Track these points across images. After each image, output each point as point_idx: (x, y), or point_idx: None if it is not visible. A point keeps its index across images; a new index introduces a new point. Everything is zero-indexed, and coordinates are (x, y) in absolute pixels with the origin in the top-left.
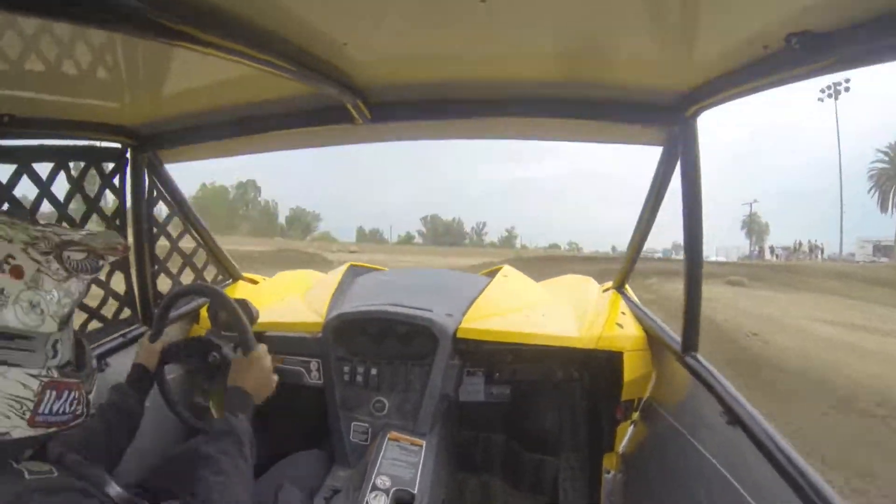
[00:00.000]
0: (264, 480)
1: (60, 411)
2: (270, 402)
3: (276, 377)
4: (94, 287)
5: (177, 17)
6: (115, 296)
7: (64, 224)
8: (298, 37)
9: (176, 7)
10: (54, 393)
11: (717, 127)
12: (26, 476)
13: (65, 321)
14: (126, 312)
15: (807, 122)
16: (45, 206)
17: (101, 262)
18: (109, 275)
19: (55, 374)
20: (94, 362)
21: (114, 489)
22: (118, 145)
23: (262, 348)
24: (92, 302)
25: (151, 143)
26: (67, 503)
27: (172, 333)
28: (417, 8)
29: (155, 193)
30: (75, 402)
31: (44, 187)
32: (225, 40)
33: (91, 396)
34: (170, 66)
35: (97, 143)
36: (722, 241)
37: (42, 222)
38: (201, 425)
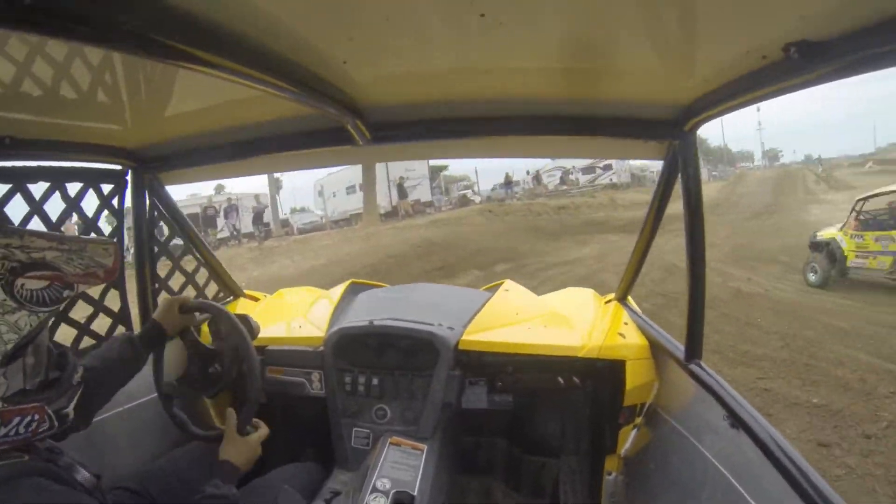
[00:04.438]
0: (258, 486)
1: (12, 434)
2: (273, 412)
3: (259, 449)
4: (84, 304)
5: (177, 36)
6: (109, 313)
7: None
8: (298, 56)
9: (176, 27)
10: None
11: None
12: None
13: (8, 357)
14: (120, 329)
15: None
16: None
17: (66, 293)
18: (105, 291)
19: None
20: (79, 376)
21: (81, 474)
22: (118, 167)
23: (259, 433)
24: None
25: (152, 165)
26: (33, 487)
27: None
28: (416, 26)
29: (156, 213)
30: (33, 423)
31: (38, 207)
32: (224, 60)
33: (69, 410)
34: (171, 89)
35: (97, 165)
36: None
37: (21, 231)
38: (193, 430)
